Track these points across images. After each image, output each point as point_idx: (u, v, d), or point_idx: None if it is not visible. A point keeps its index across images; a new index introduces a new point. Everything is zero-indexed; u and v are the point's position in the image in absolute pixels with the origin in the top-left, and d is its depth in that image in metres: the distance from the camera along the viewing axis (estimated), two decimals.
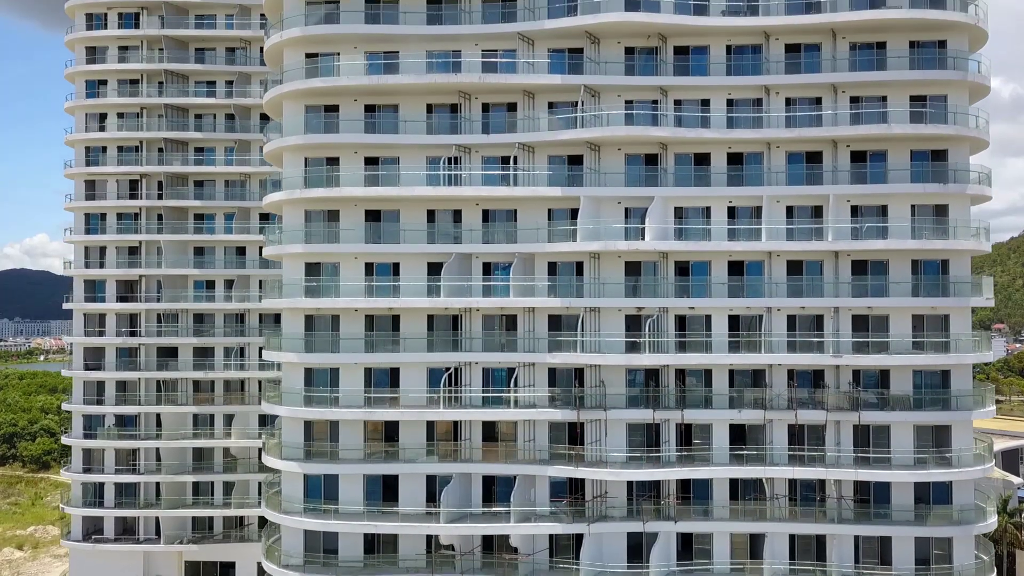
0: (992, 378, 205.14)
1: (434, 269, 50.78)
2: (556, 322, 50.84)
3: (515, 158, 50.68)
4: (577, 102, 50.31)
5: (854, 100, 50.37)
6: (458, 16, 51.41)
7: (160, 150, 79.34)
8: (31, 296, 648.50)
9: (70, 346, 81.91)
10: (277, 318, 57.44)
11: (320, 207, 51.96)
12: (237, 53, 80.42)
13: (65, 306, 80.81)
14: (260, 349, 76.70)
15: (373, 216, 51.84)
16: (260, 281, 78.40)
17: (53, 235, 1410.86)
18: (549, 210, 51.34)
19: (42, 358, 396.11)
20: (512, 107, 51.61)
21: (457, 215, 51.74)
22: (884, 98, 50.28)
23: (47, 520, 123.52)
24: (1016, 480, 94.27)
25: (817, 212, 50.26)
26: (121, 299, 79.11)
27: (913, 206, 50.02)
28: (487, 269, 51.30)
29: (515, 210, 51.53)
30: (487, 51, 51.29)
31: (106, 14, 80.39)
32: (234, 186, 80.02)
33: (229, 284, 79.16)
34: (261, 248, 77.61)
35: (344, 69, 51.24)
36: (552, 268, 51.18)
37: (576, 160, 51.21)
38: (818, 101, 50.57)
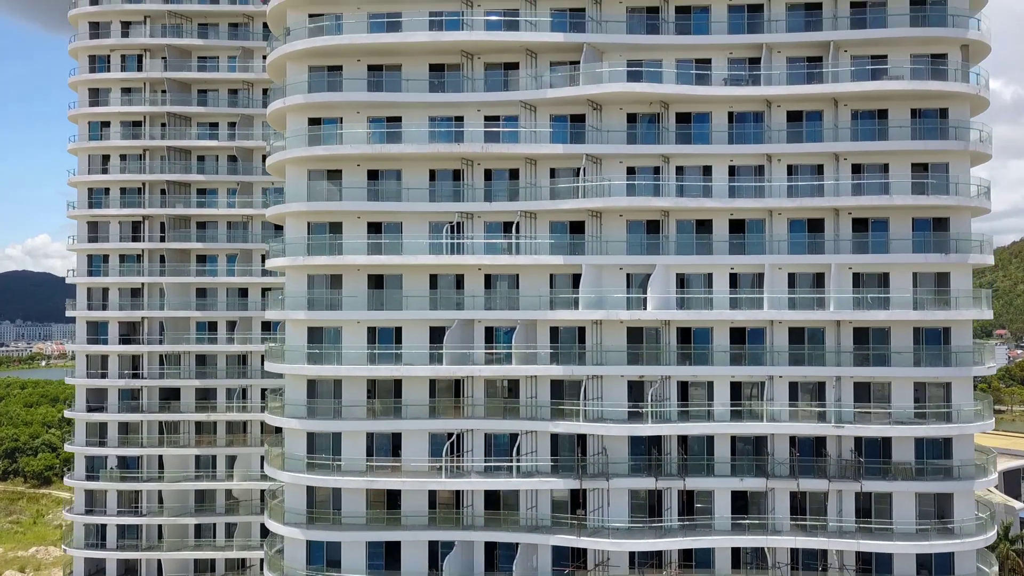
0: (993, 387, 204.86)
1: (436, 335, 50.86)
2: (558, 388, 50.91)
3: (517, 225, 50.75)
4: (579, 169, 50.41)
5: (856, 169, 50.44)
6: (461, 83, 51.54)
7: (163, 192, 79.52)
8: (32, 297, 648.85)
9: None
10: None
11: (323, 272, 52.07)
12: (239, 95, 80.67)
13: (68, 347, 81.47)
14: (263, 391, 77.17)
15: (376, 282, 51.96)
16: (263, 323, 78.69)
17: (55, 236, 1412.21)
18: (551, 276, 51.44)
19: (43, 363, 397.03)
20: (514, 174, 51.71)
21: (459, 281, 51.81)
22: (886, 166, 50.33)
23: (49, 540, 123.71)
24: (1017, 505, 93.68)
25: (819, 280, 50.35)
26: (123, 341, 79.32)
27: (915, 274, 50.09)
28: (489, 335, 51.41)
29: (517, 275, 51.60)
30: (489, 117, 51.42)
31: (109, 56, 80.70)
32: (236, 228, 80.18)
33: (231, 326, 79.37)
34: (263, 290, 78.14)
35: (347, 136, 51.36)
36: (554, 334, 51.26)
37: (578, 227, 51.31)
38: (820, 169, 50.67)
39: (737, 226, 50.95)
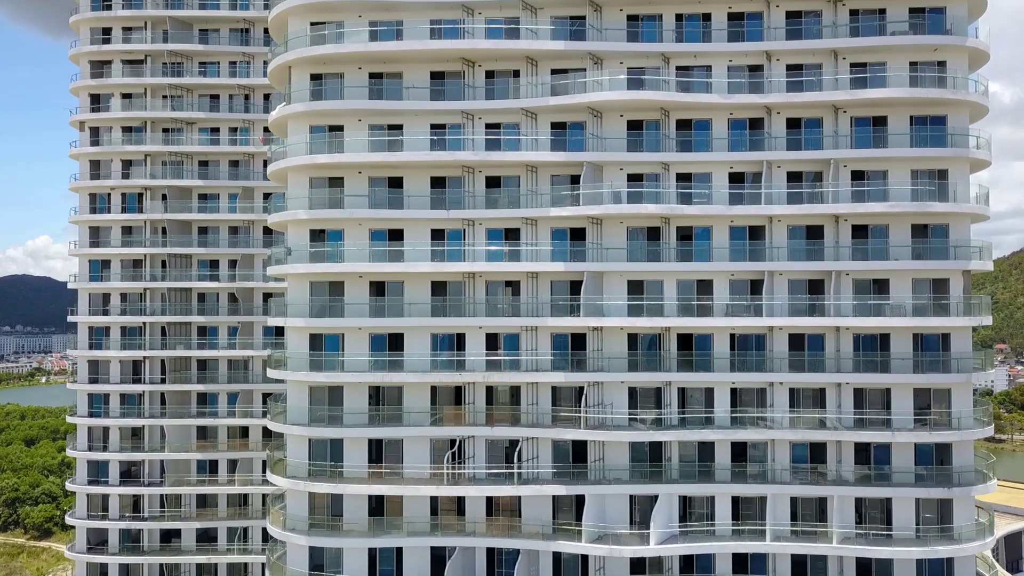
0: (993, 413, 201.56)
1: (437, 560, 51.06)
2: None
3: (519, 452, 50.79)
4: (581, 389, 50.81)
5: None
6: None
7: (163, 332, 79.45)
8: (32, 303, 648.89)
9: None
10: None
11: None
12: (240, 233, 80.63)
13: (69, 486, 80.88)
14: (263, 530, 77.15)
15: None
16: (263, 462, 78.64)
17: (56, 237, 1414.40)
18: (553, 498, 51.26)
19: (44, 380, 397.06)
20: (515, 397, 52.10)
21: (460, 505, 51.93)
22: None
23: None
24: None
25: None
26: (124, 481, 79.43)
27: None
28: (491, 562, 51.46)
29: (519, 499, 51.59)
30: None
31: (109, 195, 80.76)
32: (237, 368, 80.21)
33: (232, 466, 79.47)
34: (264, 429, 78.09)
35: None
36: (557, 564, 51.22)
37: (580, 453, 51.33)
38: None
39: (739, 452, 51.10)
